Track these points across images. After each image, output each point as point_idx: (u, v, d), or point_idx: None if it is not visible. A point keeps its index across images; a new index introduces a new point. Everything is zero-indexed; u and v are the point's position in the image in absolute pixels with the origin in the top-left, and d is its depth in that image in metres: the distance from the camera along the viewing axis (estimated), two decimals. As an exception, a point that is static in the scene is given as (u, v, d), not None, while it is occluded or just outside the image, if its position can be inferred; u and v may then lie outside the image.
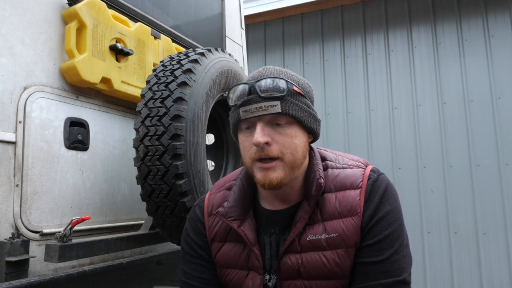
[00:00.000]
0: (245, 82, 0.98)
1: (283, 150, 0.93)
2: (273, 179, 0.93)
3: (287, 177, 0.95)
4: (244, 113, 0.95)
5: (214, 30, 2.54)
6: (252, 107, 0.93)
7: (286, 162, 0.94)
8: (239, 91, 0.97)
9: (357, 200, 0.96)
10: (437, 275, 3.85)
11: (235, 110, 0.98)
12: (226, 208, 1.04)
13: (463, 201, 3.82)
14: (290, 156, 0.94)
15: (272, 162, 0.93)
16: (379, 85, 4.34)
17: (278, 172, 0.93)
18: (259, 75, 0.99)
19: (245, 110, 0.94)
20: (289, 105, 0.94)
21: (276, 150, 0.93)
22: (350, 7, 4.57)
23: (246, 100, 0.94)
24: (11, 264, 1.15)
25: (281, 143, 0.93)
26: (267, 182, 0.93)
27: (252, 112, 0.93)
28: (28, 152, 1.34)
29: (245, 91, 0.95)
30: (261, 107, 0.92)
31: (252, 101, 0.93)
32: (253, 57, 4.91)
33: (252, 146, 0.94)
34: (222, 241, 1.07)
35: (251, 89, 0.94)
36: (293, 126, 0.95)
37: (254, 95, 0.94)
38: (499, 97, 3.82)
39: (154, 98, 1.45)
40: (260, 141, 0.91)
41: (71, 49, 1.48)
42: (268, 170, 0.93)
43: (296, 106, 0.95)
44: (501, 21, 3.92)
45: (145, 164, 1.42)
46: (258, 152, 0.93)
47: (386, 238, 0.93)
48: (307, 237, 0.96)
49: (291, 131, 0.95)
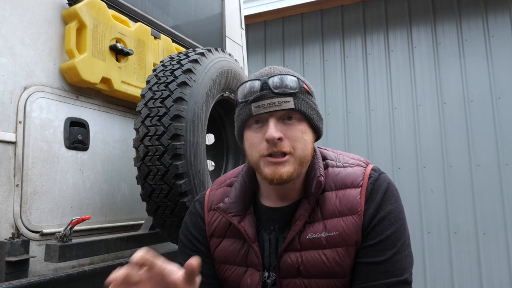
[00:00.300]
0: (256, 78, 0.97)
1: (294, 145, 0.93)
2: (283, 174, 0.92)
3: (295, 172, 0.95)
4: (257, 109, 0.94)
5: (214, 30, 2.54)
6: (265, 103, 0.93)
7: (296, 157, 0.94)
8: (250, 87, 0.97)
9: (358, 198, 0.96)
10: (437, 275, 3.85)
11: (246, 105, 0.97)
12: (227, 204, 1.04)
13: (463, 201, 3.82)
14: (301, 151, 0.94)
15: (283, 157, 0.93)
16: (379, 85, 4.34)
17: (288, 167, 0.93)
18: (268, 73, 0.98)
19: (257, 106, 0.94)
20: (301, 102, 0.95)
21: (288, 146, 0.93)
22: (350, 7, 4.57)
23: (259, 95, 0.94)
24: (11, 264, 1.15)
25: (292, 139, 0.94)
26: (277, 177, 0.92)
27: (265, 107, 0.93)
28: (28, 152, 1.34)
29: (257, 87, 0.95)
30: (275, 103, 0.92)
31: (265, 96, 0.93)
32: (253, 57, 4.91)
33: (262, 142, 0.94)
34: (221, 236, 1.07)
35: (264, 85, 0.94)
36: (303, 123, 0.96)
37: (267, 90, 0.93)
38: (499, 97, 3.82)
39: (154, 98, 1.45)
40: (275, 136, 0.90)
41: (71, 49, 1.48)
42: (279, 164, 0.92)
43: (306, 103, 0.96)
44: (501, 21, 3.92)
45: (145, 164, 1.42)
46: (270, 147, 0.92)
47: (388, 238, 0.93)
48: (307, 235, 0.96)
49: (301, 127, 0.95)
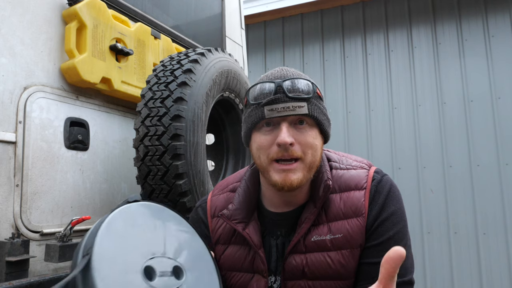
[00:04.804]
0: (270, 81, 0.95)
1: (305, 151, 0.93)
2: (294, 181, 0.91)
3: (305, 178, 0.94)
4: (270, 112, 0.92)
5: (214, 30, 2.54)
6: (279, 107, 0.91)
7: (306, 163, 0.93)
8: (263, 89, 0.95)
9: (362, 201, 0.96)
10: (437, 275, 3.85)
11: (258, 108, 0.94)
12: (231, 211, 1.03)
13: (463, 201, 3.82)
14: (311, 157, 0.93)
15: (293, 164, 0.92)
16: (379, 85, 4.34)
17: (298, 174, 0.92)
18: (281, 75, 0.97)
19: (271, 109, 0.92)
20: (314, 107, 0.94)
21: (299, 151, 0.92)
22: (350, 7, 4.57)
23: (272, 99, 0.92)
24: (11, 264, 1.15)
25: (303, 144, 0.93)
26: (288, 184, 0.91)
27: (278, 111, 0.91)
28: (28, 152, 1.34)
29: (272, 90, 0.93)
30: (289, 107, 0.91)
31: (279, 100, 0.92)
32: (253, 57, 4.91)
33: (272, 145, 0.93)
34: (226, 243, 1.06)
35: (278, 88, 0.92)
36: (314, 128, 0.95)
37: (281, 94, 0.92)
38: (499, 97, 3.82)
39: (154, 98, 1.45)
40: (287, 141, 0.89)
41: (71, 49, 1.48)
42: (289, 172, 0.91)
43: (319, 109, 0.95)
44: (501, 21, 3.92)
45: (145, 164, 1.42)
46: (280, 152, 0.91)
47: (390, 239, 0.93)
48: (312, 238, 0.96)
49: (312, 133, 0.94)
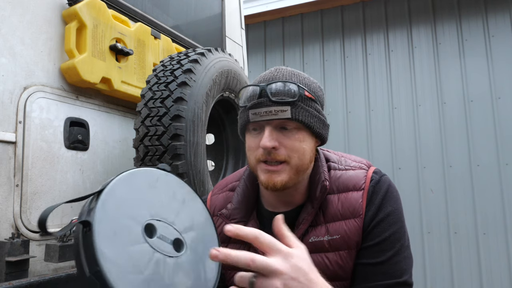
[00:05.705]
0: (256, 84, 0.96)
1: (290, 154, 0.92)
2: (277, 183, 0.92)
3: (291, 181, 0.94)
4: (253, 116, 0.93)
5: (214, 30, 2.54)
6: (262, 111, 0.91)
7: (292, 165, 0.93)
8: (249, 92, 0.96)
9: (360, 202, 0.96)
10: (437, 275, 3.85)
11: (244, 111, 0.96)
12: (230, 210, 1.03)
13: (463, 201, 3.82)
14: (297, 160, 0.93)
15: (278, 166, 0.92)
16: (379, 85, 4.34)
17: (283, 176, 0.92)
18: (270, 77, 0.97)
19: (254, 113, 0.93)
20: (299, 110, 0.92)
21: (283, 154, 0.92)
22: (350, 7, 4.57)
23: (256, 103, 0.92)
24: (11, 264, 1.15)
25: (289, 147, 0.92)
26: (271, 185, 0.92)
27: (261, 115, 0.92)
28: (28, 152, 1.34)
29: (256, 93, 0.93)
30: (271, 111, 0.91)
31: (262, 104, 0.92)
32: (253, 57, 4.91)
33: (259, 147, 0.93)
34: (226, 242, 1.06)
35: (262, 92, 0.92)
36: (302, 132, 0.94)
37: (265, 98, 0.92)
38: (499, 97, 3.82)
39: (154, 98, 1.45)
40: (268, 146, 0.90)
41: (71, 49, 1.48)
42: (273, 173, 0.92)
43: (306, 111, 0.94)
44: (501, 21, 3.92)
45: (145, 164, 1.42)
46: (264, 155, 0.92)
47: (387, 240, 0.93)
48: (310, 239, 0.96)
49: (299, 136, 0.94)
